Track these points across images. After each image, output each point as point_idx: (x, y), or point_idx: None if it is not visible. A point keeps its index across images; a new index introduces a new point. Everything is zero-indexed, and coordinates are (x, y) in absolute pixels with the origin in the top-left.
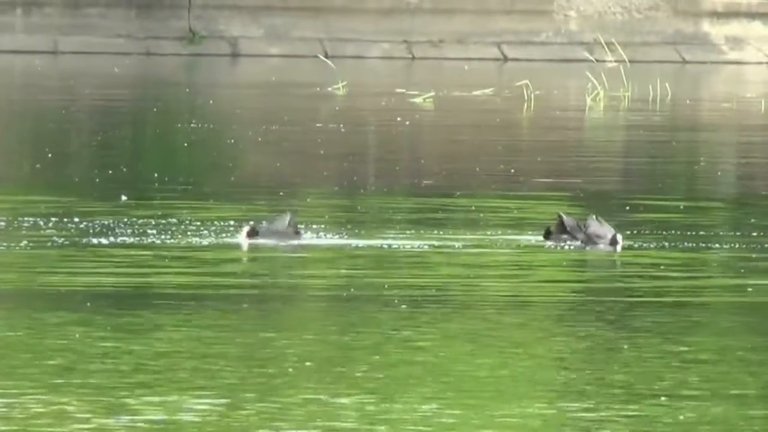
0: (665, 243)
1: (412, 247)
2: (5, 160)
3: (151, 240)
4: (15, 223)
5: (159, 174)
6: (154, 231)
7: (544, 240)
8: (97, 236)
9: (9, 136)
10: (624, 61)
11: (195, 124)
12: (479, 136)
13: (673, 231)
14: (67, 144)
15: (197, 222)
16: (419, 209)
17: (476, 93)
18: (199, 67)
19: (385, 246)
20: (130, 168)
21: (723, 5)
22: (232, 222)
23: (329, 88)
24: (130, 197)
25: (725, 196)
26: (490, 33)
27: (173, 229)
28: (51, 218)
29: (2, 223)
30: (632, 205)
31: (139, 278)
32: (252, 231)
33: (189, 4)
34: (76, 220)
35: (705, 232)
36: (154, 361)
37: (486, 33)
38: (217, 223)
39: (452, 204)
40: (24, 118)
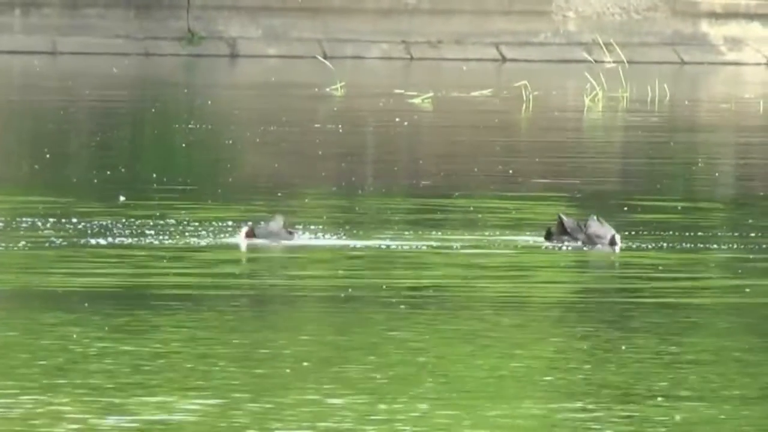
0: (663, 244)
1: (410, 248)
2: (4, 161)
3: (149, 240)
4: (13, 224)
5: (157, 175)
6: (152, 231)
7: (545, 241)
8: (95, 237)
9: (8, 137)
10: (622, 61)
11: (193, 125)
12: (477, 137)
13: (672, 232)
14: (65, 144)
15: (195, 222)
16: (417, 210)
17: (474, 94)
18: (197, 68)
19: (384, 246)
20: (128, 169)
21: (721, 6)
22: (230, 222)
23: (327, 89)
24: (128, 198)
25: (723, 197)
26: (489, 33)
27: (171, 229)
28: (49, 219)
29: (1, 224)
30: (630, 206)
31: (137, 279)
32: (250, 232)
33: (188, 4)
34: (74, 220)
35: (703, 232)
36: (150, 361)
37: (484, 33)
38: (215, 223)
39: (450, 205)
40: (22, 119)
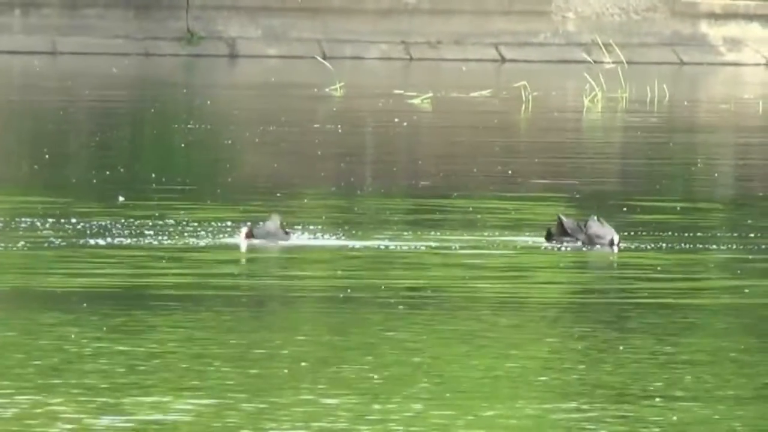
0: (662, 244)
1: (409, 248)
2: (3, 161)
3: (148, 241)
4: (12, 224)
5: (156, 175)
6: (151, 232)
7: (545, 241)
8: (94, 237)
9: (7, 137)
10: (622, 62)
11: (193, 125)
12: (477, 138)
13: (671, 232)
14: (64, 145)
15: (194, 223)
16: (416, 210)
17: (474, 94)
18: (197, 68)
19: (382, 247)
20: (127, 169)
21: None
22: (229, 223)
23: (327, 89)
24: (127, 198)
25: (723, 198)
26: (488, 34)
27: (170, 230)
28: (48, 219)
29: (0, 224)
30: (629, 207)
31: (135, 279)
32: (250, 232)
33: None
34: (73, 220)
35: (702, 233)
36: (146, 361)
37: (484, 34)
38: (214, 224)
39: (449, 205)
40: (22, 119)
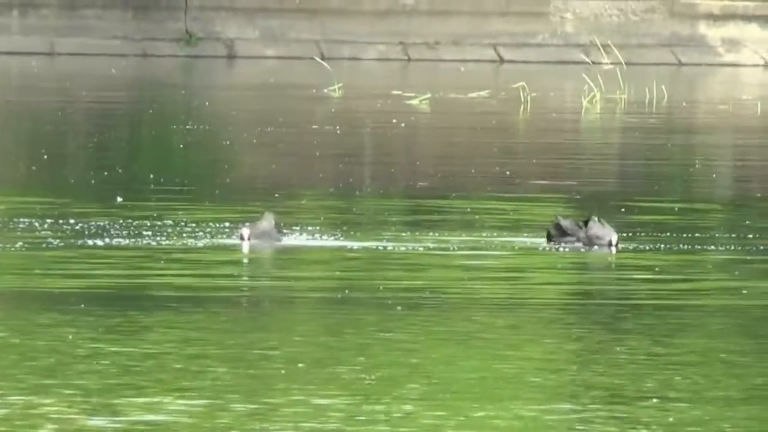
0: (661, 245)
1: (407, 249)
2: (1, 162)
3: (146, 241)
4: (11, 225)
5: (155, 175)
6: (149, 232)
7: (546, 242)
8: (92, 238)
9: (5, 138)
10: (620, 63)
11: (191, 126)
12: (475, 138)
13: (669, 233)
14: (63, 145)
15: (193, 223)
16: (415, 211)
17: (472, 95)
18: (195, 69)
19: (381, 248)
20: (125, 169)
21: (719, 8)
22: (228, 224)
23: (325, 90)
24: (125, 199)
25: (721, 199)
26: (486, 35)
27: (168, 230)
28: (47, 219)
29: None
30: (628, 207)
31: (133, 280)
32: (252, 233)
33: (185, 5)
34: (71, 221)
35: (700, 234)
36: (142, 362)
37: (482, 35)
38: (212, 224)
39: (448, 206)
40: (20, 120)
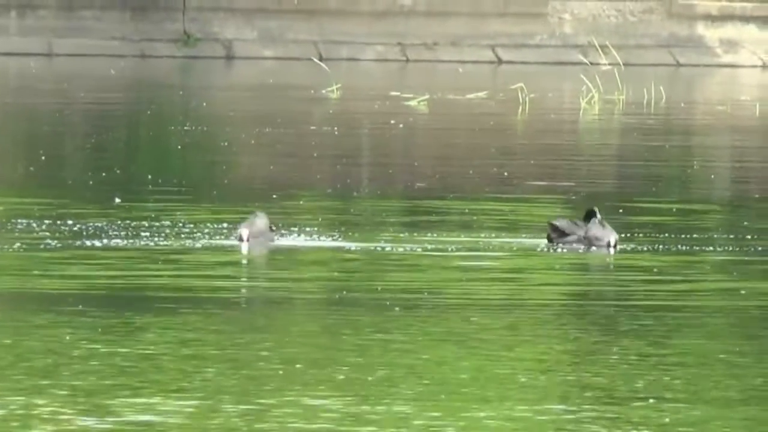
0: (659, 246)
1: (405, 250)
2: None
3: (144, 242)
4: (8, 225)
5: (152, 176)
6: (147, 233)
7: (548, 243)
8: (90, 238)
9: (3, 138)
10: (618, 64)
11: (189, 127)
12: (473, 139)
13: (667, 234)
14: (61, 146)
15: (190, 224)
16: (413, 212)
17: (470, 96)
18: (193, 70)
19: (378, 249)
20: (123, 170)
21: (717, 8)
22: (226, 224)
23: (323, 91)
24: (123, 199)
25: (719, 199)
26: (485, 35)
27: (166, 231)
28: (44, 220)
29: None
30: (626, 208)
31: (131, 280)
32: (250, 234)
33: (183, 6)
34: (69, 222)
35: (699, 235)
36: (138, 363)
37: (480, 35)
38: (210, 225)
39: (446, 207)
40: (18, 121)
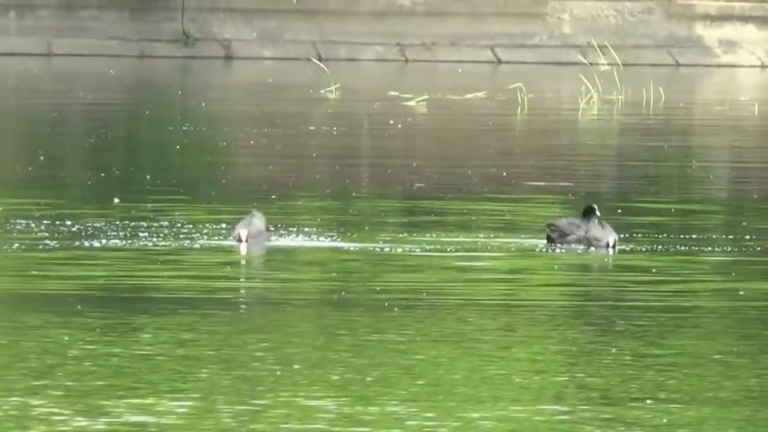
0: (657, 246)
1: (403, 251)
2: None
3: (142, 243)
4: (7, 226)
5: (151, 177)
6: (145, 234)
7: (549, 244)
8: (89, 239)
9: (2, 139)
10: (617, 64)
11: (188, 127)
12: (472, 140)
13: (666, 234)
14: (59, 146)
15: (189, 225)
16: (411, 212)
17: (469, 96)
18: (192, 70)
19: (377, 249)
20: (122, 171)
21: (716, 9)
22: (224, 225)
23: (322, 91)
24: (122, 200)
25: (718, 200)
26: (484, 36)
27: (165, 231)
28: (43, 221)
29: None
30: (625, 208)
31: (130, 281)
32: (248, 234)
33: (182, 6)
34: (68, 222)
35: (697, 235)
36: (133, 363)
37: (479, 36)
38: (208, 225)
39: (444, 207)
40: (17, 121)
